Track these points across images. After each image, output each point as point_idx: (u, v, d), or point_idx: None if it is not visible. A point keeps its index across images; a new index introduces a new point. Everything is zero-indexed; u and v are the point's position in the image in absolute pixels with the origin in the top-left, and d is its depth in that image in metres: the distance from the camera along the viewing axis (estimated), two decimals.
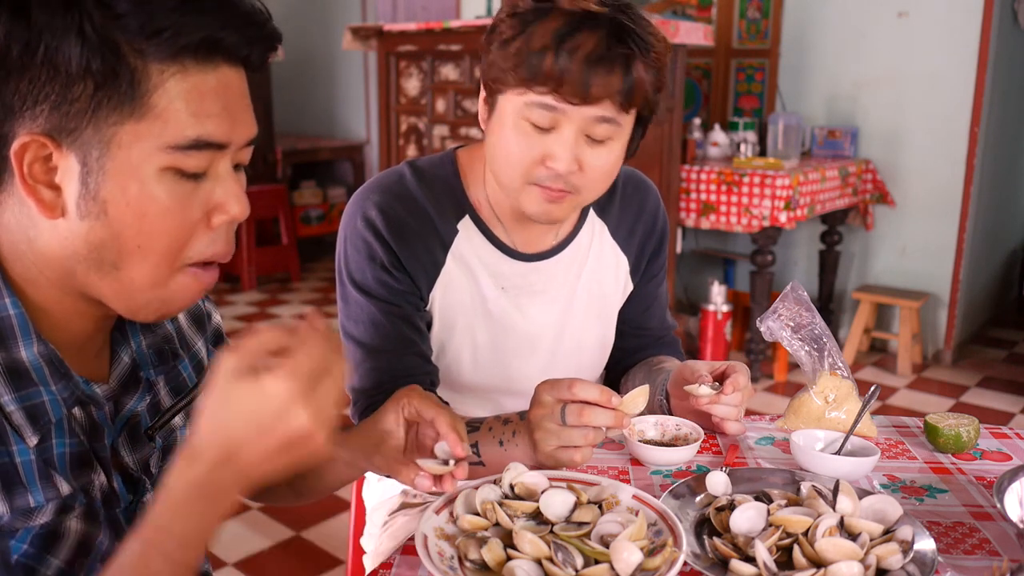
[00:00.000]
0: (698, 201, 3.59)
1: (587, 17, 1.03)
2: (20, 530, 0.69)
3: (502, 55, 1.06)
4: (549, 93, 1.04)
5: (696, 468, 1.12)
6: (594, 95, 1.04)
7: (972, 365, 4.07)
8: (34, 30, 0.62)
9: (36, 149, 0.65)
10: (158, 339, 0.84)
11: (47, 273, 0.70)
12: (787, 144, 3.79)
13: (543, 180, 1.09)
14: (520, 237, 1.25)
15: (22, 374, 0.69)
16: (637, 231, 1.34)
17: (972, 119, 3.84)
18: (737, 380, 1.14)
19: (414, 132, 4.08)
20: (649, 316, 1.40)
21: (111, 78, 0.63)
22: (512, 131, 1.09)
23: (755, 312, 3.63)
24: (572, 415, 0.97)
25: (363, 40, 4.10)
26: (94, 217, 0.67)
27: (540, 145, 1.08)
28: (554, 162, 1.07)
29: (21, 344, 0.69)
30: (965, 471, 1.11)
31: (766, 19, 4.28)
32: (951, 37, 3.82)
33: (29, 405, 0.69)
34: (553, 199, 1.11)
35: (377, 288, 1.18)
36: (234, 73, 0.69)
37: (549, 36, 1.02)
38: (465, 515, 0.87)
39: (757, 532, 0.88)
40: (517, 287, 1.25)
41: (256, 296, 5.10)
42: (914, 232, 4.08)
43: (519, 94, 1.06)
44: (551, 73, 1.02)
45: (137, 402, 0.80)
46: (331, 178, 6.21)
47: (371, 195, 1.20)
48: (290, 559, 2.40)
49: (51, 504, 0.70)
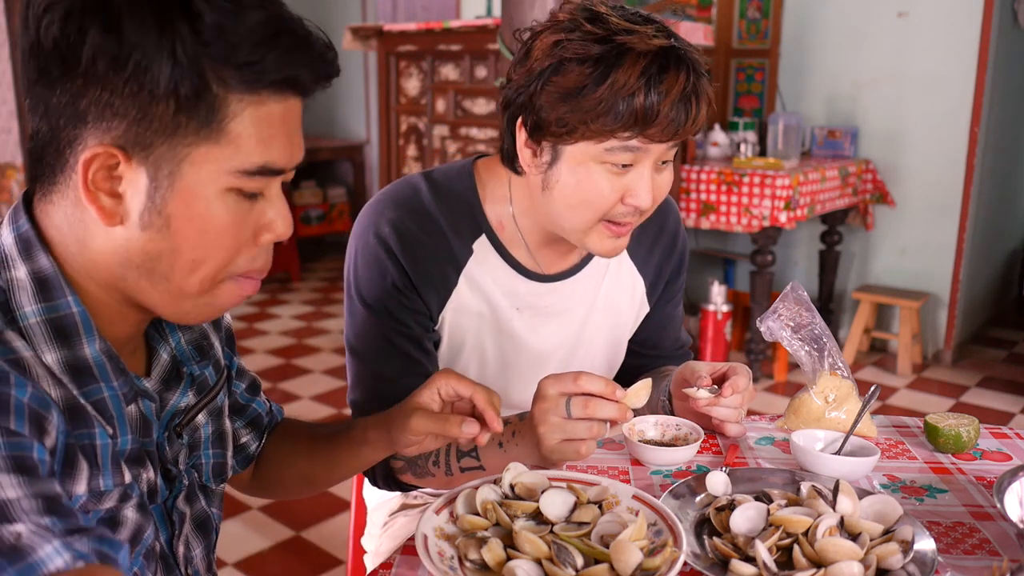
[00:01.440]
0: (698, 201, 3.59)
1: (664, 55, 1.00)
2: (90, 512, 0.71)
3: (575, 105, 1.00)
4: (635, 136, 1.02)
5: (696, 468, 1.12)
6: (684, 132, 1.03)
7: (972, 365, 4.07)
8: (125, 46, 0.63)
9: (104, 159, 0.66)
10: (196, 335, 0.87)
11: (95, 276, 0.72)
12: (787, 144, 3.79)
13: (621, 216, 1.08)
14: (545, 258, 1.22)
15: (85, 371, 0.71)
16: (656, 252, 1.32)
17: (972, 119, 3.84)
18: (737, 382, 1.14)
19: (414, 132, 4.08)
20: (663, 336, 1.38)
21: (194, 101, 0.65)
22: (589, 176, 1.05)
23: (755, 312, 3.63)
24: (577, 407, 0.97)
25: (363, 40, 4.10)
26: (156, 229, 0.69)
27: (620, 185, 1.06)
28: (635, 199, 1.06)
29: (85, 341, 0.71)
30: (965, 471, 1.11)
31: (766, 19, 4.28)
32: (951, 37, 3.82)
33: (93, 401, 0.71)
34: (620, 233, 1.10)
35: (386, 307, 1.15)
36: (297, 103, 0.72)
37: (635, 80, 0.98)
38: (465, 515, 0.87)
39: (757, 532, 0.88)
40: (533, 307, 1.22)
41: (256, 296, 5.09)
42: (914, 232, 4.08)
43: (598, 142, 1.03)
44: (642, 116, 1.00)
45: (180, 397, 0.83)
46: (331, 178, 6.21)
47: (385, 210, 1.16)
48: (290, 559, 2.40)
49: (116, 490, 0.72)
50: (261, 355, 4.02)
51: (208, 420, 0.88)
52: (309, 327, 4.52)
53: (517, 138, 1.09)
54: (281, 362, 3.95)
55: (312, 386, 3.65)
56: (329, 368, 3.88)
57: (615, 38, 1.00)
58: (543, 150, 1.08)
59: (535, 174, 1.10)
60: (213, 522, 0.90)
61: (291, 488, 1.06)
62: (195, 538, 0.86)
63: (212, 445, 0.89)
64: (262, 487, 1.07)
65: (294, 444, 1.04)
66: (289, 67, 0.68)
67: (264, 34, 0.66)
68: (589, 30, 1.01)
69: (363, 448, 0.97)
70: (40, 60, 0.65)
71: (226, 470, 0.92)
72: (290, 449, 1.03)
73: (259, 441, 1.02)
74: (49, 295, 0.70)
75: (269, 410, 1.04)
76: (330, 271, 5.80)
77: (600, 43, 1.00)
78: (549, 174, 1.08)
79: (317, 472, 1.02)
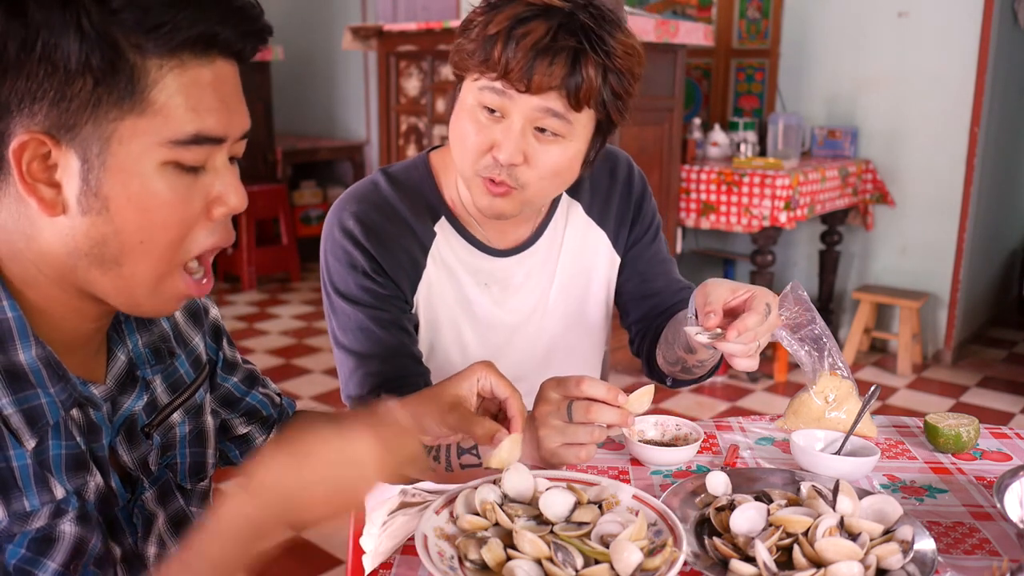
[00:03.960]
0: (698, 201, 3.59)
1: (544, 9, 1.05)
2: (17, 535, 0.69)
3: (465, 41, 1.09)
4: (499, 79, 1.06)
5: (696, 468, 1.12)
6: (536, 83, 1.04)
7: (972, 365, 4.07)
8: (31, 27, 0.62)
9: (35, 147, 0.65)
10: (154, 338, 0.84)
11: (46, 271, 0.70)
12: (787, 144, 3.79)
13: (488, 170, 1.10)
14: (494, 233, 1.26)
15: (20, 377, 0.69)
16: (612, 201, 1.33)
17: (972, 119, 3.84)
18: (745, 324, 1.00)
19: (414, 132, 4.08)
20: (652, 279, 1.36)
21: (110, 74, 0.63)
22: (467, 116, 1.11)
23: None
24: (579, 412, 0.97)
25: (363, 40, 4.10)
26: (95, 213, 0.67)
27: (489, 133, 1.09)
28: (498, 151, 1.08)
29: (19, 347, 0.69)
30: (965, 471, 1.11)
31: (766, 19, 4.28)
32: (951, 37, 3.82)
33: (27, 408, 0.69)
34: (497, 193, 1.11)
35: (362, 295, 1.19)
36: (228, 67, 0.70)
37: (504, 23, 1.05)
38: (465, 515, 0.87)
39: (757, 532, 0.88)
40: (499, 282, 1.27)
41: (256, 296, 5.10)
42: (914, 232, 4.08)
43: (475, 79, 1.09)
44: (500, 58, 1.05)
45: (135, 402, 0.80)
46: (331, 178, 6.21)
47: (347, 205, 1.21)
48: (290, 559, 2.40)
49: (46, 508, 0.70)
50: (261, 355, 4.02)
51: (185, 419, 0.87)
52: (309, 327, 4.52)
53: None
54: (281, 362, 3.95)
55: (312, 386, 3.65)
56: (329, 368, 3.88)
57: None
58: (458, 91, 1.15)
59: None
60: (192, 520, 0.88)
61: None
62: (171, 538, 0.84)
63: (189, 444, 0.88)
64: None
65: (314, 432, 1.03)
66: (204, 23, 0.65)
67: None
68: None
69: None
70: None
71: (206, 468, 0.90)
72: None
73: (266, 434, 1.02)
74: None
75: (279, 403, 1.04)
76: None
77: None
78: (451, 117, 1.15)
79: None
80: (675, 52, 3.48)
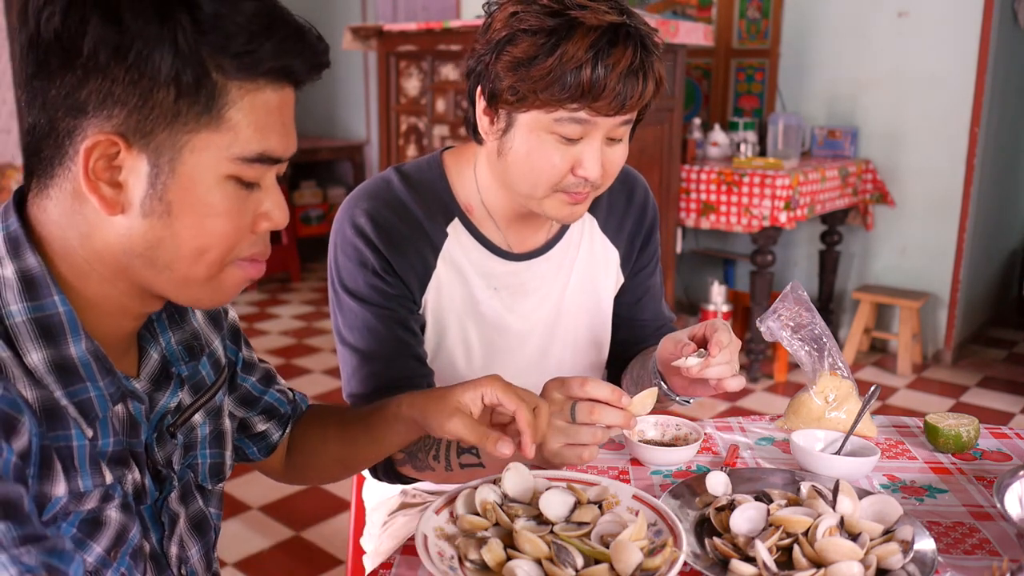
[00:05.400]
0: (698, 201, 3.59)
1: (614, 30, 1.03)
2: (72, 514, 0.71)
3: (525, 75, 1.04)
4: (583, 108, 1.04)
5: (696, 468, 1.12)
6: (630, 106, 1.05)
7: (972, 365, 4.07)
8: (126, 36, 0.64)
9: (105, 147, 0.67)
10: (187, 335, 0.86)
11: (99, 269, 0.72)
12: (787, 144, 3.79)
13: (571, 187, 1.10)
14: (514, 236, 1.25)
15: (71, 371, 0.71)
16: (627, 223, 1.35)
17: (972, 119, 3.84)
18: (720, 339, 1.10)
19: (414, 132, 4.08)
20: (641, 308, 1.39)
21: (194, 89, 0.67)
22: (540, 145, 1.08)
23: (755, 312, 3.63)
24: (582, 413, 0.96)
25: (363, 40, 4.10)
26: (157, 216, 0.69)
27: (569, 156, 1.08)
28: (584, 171, 1.08)
29: (71, 341, 0.71)
30: (965, 471, 1.11)
31: (766, 19, 4.28)
32: (951, 37, 3.82)
33: (78, 401, 0.71)
34: (578, 200, 1.13)
35: (370, 293, 1.18)
36: (291, 94, 0.74)
37: (583, 52, 1.01)
38: (465, 515, 0.87)
39: (757, 532, 0.88)
40: (509, 287, 1.25)
41: (256, 296, 5.10)
42: (914, 232, 4.08)
43: (547, 111, 1.05)
44: (588, 89, 1.02)
45: (170, 398, 0.82)
46: (331, 178, 6.21)
47: (359, 202, 1.20)
48: (290, 559, 2.40)
49: (97, 491, 0.72)
50: (261, 355, 4.02)
51: (205, 420, 0.88)
52: (309, 327, 4.53)
53: (477, 105, 1.14)
54: (281, 362, 3.95)
55: (312, 386, 3.66)
56: (329, 368, 3.89)
57: (568, 12, 1.03)
58: (499, 117, 1.11)
59: (492, 140, 1.14)
60: (211, 522, 0.89)
61: (327, 472, 1.07)
62: (191, 538, 0.86)
63: (209, 445, 0.89)
64: (297, 474, 1.08)
65: (324, 429, 1.05)
66: (284, 56, 0.70)
67: (260, 24, 0.68)
68: (545, 3, 1.04)
69: (397, 425, 0.97)
70: (39, 52, 0.66)
71: (224, 470, 0.92)
72: (321, 434, 1.04)
73: (282, 430, 1.03)
74: (35, 294, 0.70)
75: (292, 399, 1.05)
76: None
77: (553, 16, 1.03)
78: (503, 141, 1.12)
79: (353, 452, 1.03)
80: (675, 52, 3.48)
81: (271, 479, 1.10)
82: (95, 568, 0.73)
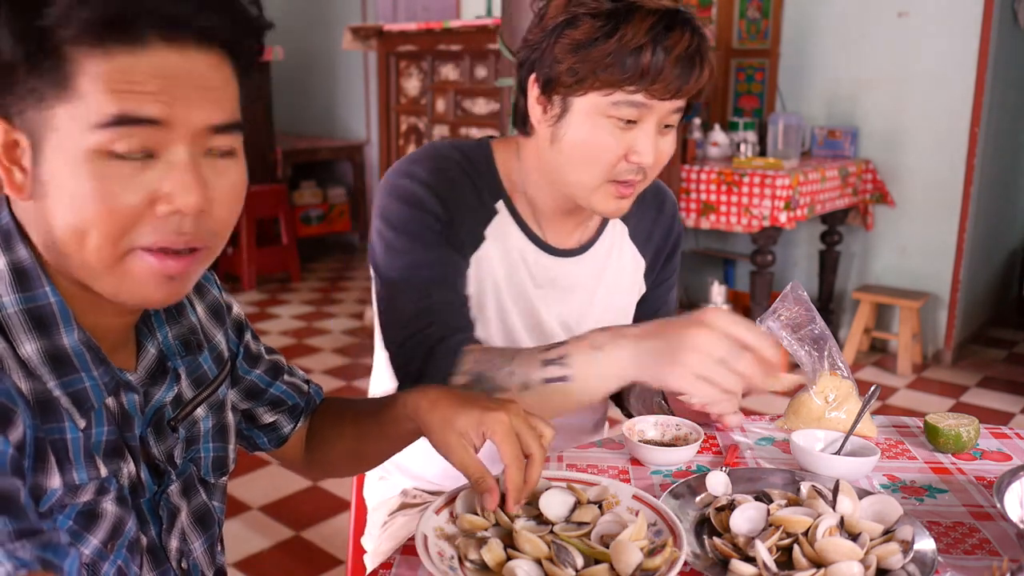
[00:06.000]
0: (698, 201, 3.59)
1: (671, 15, 1.05)
2: (68, 506, 0.71)
3: (585, 56, 1.05)
4: (640, 91, 1.05)
5: (696, 468, 1.12)
6: (686, 91, 1.07)
7: (972, 365, 4.07)
8: None
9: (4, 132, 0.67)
10: (184, 330, 0.85)
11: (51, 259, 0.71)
12: (787, 144, 3.79)
13: (623, 174, 1.11)
14: (553, 234, 1.25)
15: (65, 361, 0.71)
16: (655, 234, 1.36)
17: (972, 119, 3.84)
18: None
19: (414, 132, 4.08)
20: None
21: (39, 62, 0.64)
22: (595, 129, 1.09)
23: (755, 312, 3.63)
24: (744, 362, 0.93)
25: (363, 40, 4.10)
26: (40, 198, 0.68)
27: (624, 141, 1.09)
28: (638, 156, 1.09)
29: (63, 331, 0.71)
30: (965, 471, 1.11)
31: (766, 19, 4.28)
32: (951, 37, 3.82)
33: (73, 391, 0.71)
34: (625, 194, 1.13)
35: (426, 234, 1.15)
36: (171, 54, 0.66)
37: (644, 35, 1.03)
38: (465, 515, 0.87)
39: (757, 532, 0.88)
40: (549, 280, 1.25)
41: (256, 296, 5.10)
42: (914, 232, 4.08)
43: (605, 94, 1.07)
44: (647, 71, 1.04)
45: (166, 392, 0.82)
46: (331, 178, 6.22)
47: (419, 160, 1.18)
48: (290, 559, 2.40)
49: (92, 483, 0.72)
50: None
51: (208, 414, 0.88)
52: (309, 327, 4.53)
53: (529, 95, 1.14)
54: None
55: None
56: (329, 368, 3.89)
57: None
58: (553, 104, 1.11)
59: (544, 127, 1.14)
60: (214, 515, 0.89)
61: (342, 466, 1.07)
62: (193, 531, 0.86)
63: (212, 439, 0.89)
64: (315, 467, 1.08)
65: (338, 423, 1.04)
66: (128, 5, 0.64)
67: None
68: None
69: (406, 422, 0.94)
70: None
71: (227, 463, 0.92)
72: (334, 429, 1.04)
73: (294, 423, 1.03)
74: (27, 285, 0.70)
75: (306, 391, 1.04)
76: (330, 271, 5.80)
77: (612, 0, 1.05)
78: (558, 127, 1.12)
79: (364, 447, 1.02)
80: None
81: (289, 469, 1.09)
82: (92, 560, 0.73)
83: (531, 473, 0.86)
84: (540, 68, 1.11)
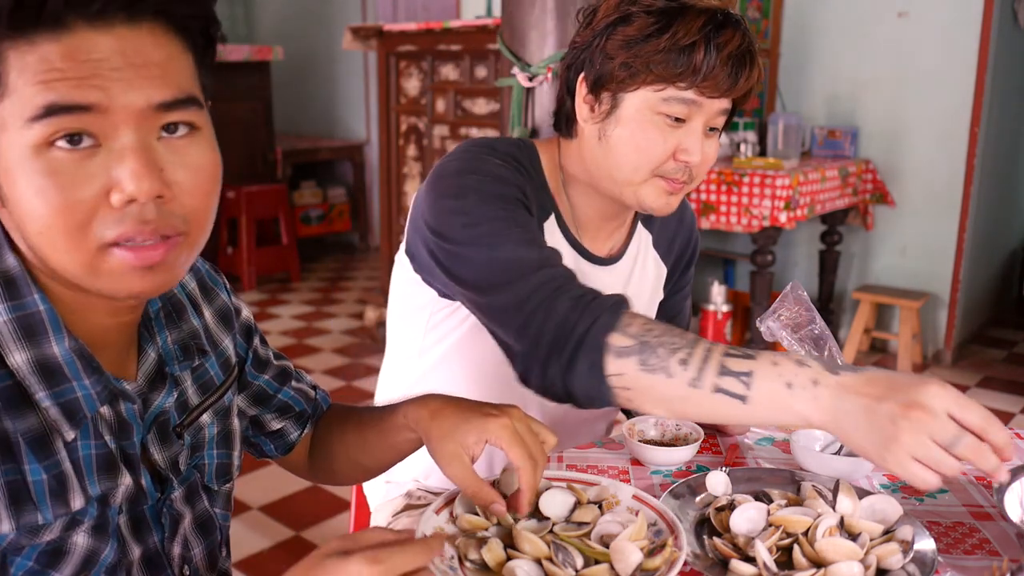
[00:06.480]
0: (698, 201, 3.59)
1: (725, 15, 1.07)
2: (26, 547, 0.68)
3: (639, 50, 1.07)
4: (691, 87, 1.07)
5: (696, 468, 1.12)
6: (735, 89, 1.08)
7: (972, 365, 4.07)
8: None
9: None
10: (184, 335, 0.84)
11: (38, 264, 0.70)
12: (787, 144, 3.79)
13: (670, 173, 1.12)
14: (588, 240, 1.26)
15: (55, 370, 0.69)
16: (676, 243, 1.38)
17: (972, 119, 3.84)
18: None
19: (414, 132, 4.08)
20: None
21: None
22: (643, 126, 1.10)
23: (755, 312, 3.63)
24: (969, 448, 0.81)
25: (363, 40, 4.10)
26: (7, 203, 0.66)
27: (673, 139, 1.10)
28: (687, 155, 1.10)
29: (52, 339, 0.69)
30: (965, 471, 1.11)
31: (766, 19, 4.28)
32: (951, 37, 3.82)
33: (64, 402, 0.69)
34: (675, 191, 1.14)
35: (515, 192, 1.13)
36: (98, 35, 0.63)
37: (696, 32, 1.05)
38: (465, 515, 0.87)
39: (757, 532, 0.88)
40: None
41: (256, 296, 5.10)
42: (914, 232, 4.08)
43: (656, 89, 1.08)
44: (699, 68, 1.05)
45: (165, 398, 0.80)
46: (331, 178, 6.22)
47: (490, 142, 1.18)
48: (290, 559, 2.38)
49: (59, 521, 0.69)
50: None
51: (213, 420, 0.87)
52: (309, 327, 4.53)
53: (577, 95, 1.15)
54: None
55: None
56: (329, 368, 3.89)
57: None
58: (602, 101, 1.12)
59: (591, 125, 1.14)
60: (216, 522, 0.88)
61: (347, 475, 1.06)
62: (195, 538, 0.85)
63: (217, 445, 0.88)
64: (320, 473, 1.07)
65: (342, 432, 1.03)
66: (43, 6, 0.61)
67: None
68: None
69: (407, 432, 0.93)
70: None
71: (231, 470, 0.91)
72: (339, 437, 1.03)
73: (301, 429, 1.02)
74: (15, 293, 0.69)
75: (312, 397, 1.04)
76: (330, 271, 5.80)
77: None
78: (606, 123, 1.13)
79: (368, 457, 1.00)
80: None
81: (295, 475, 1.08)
82: None
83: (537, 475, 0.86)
84: (590, 67, 1.12)
